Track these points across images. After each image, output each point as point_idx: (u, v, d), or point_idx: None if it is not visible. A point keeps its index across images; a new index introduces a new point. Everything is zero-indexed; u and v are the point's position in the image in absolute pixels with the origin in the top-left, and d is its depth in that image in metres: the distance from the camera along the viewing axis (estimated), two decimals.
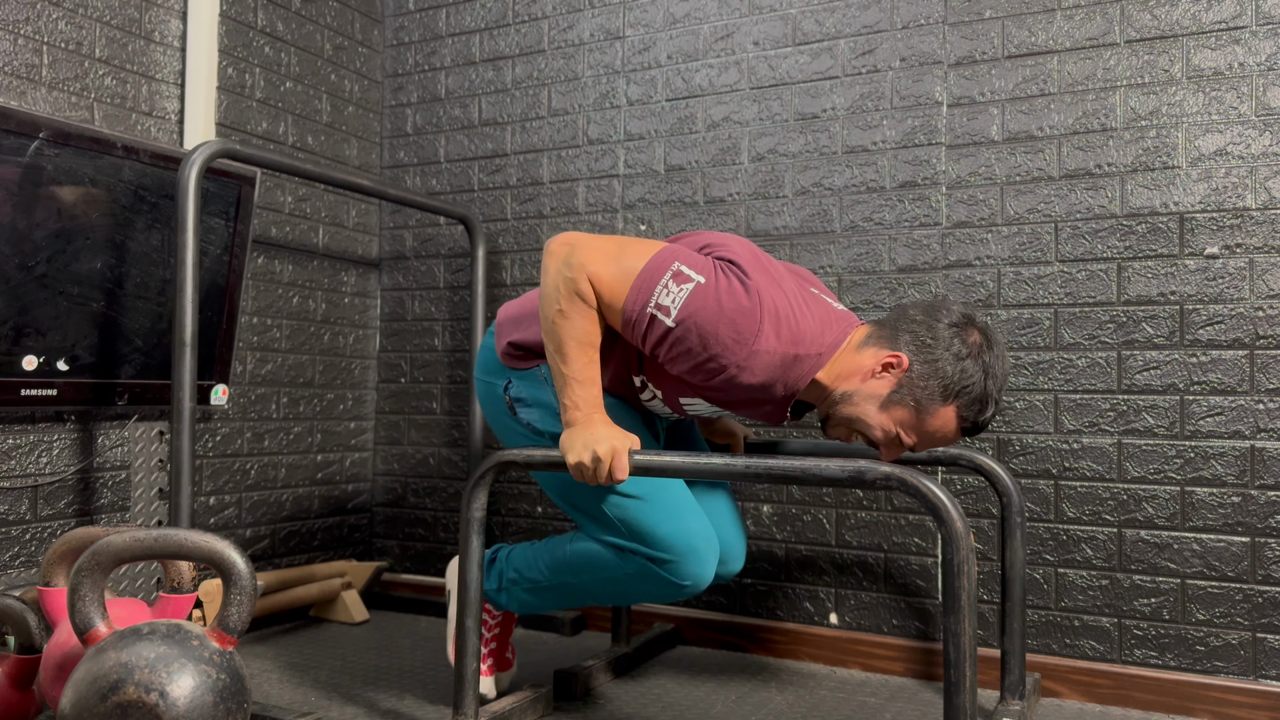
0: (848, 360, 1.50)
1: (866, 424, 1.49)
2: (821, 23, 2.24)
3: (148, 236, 2.02)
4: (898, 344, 1.47)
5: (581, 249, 1.46)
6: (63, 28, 2.00)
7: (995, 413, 1.49)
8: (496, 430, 1.74)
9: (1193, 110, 1.91)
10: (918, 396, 1.45)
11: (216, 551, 1.33)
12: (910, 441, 1.50)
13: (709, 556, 1.58)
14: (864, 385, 1.48)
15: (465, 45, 2.69)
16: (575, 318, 1.46)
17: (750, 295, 1.42)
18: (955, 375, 1.44)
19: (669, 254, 1.47)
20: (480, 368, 1.73)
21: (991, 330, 1.48)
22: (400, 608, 2.59)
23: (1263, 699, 1.80)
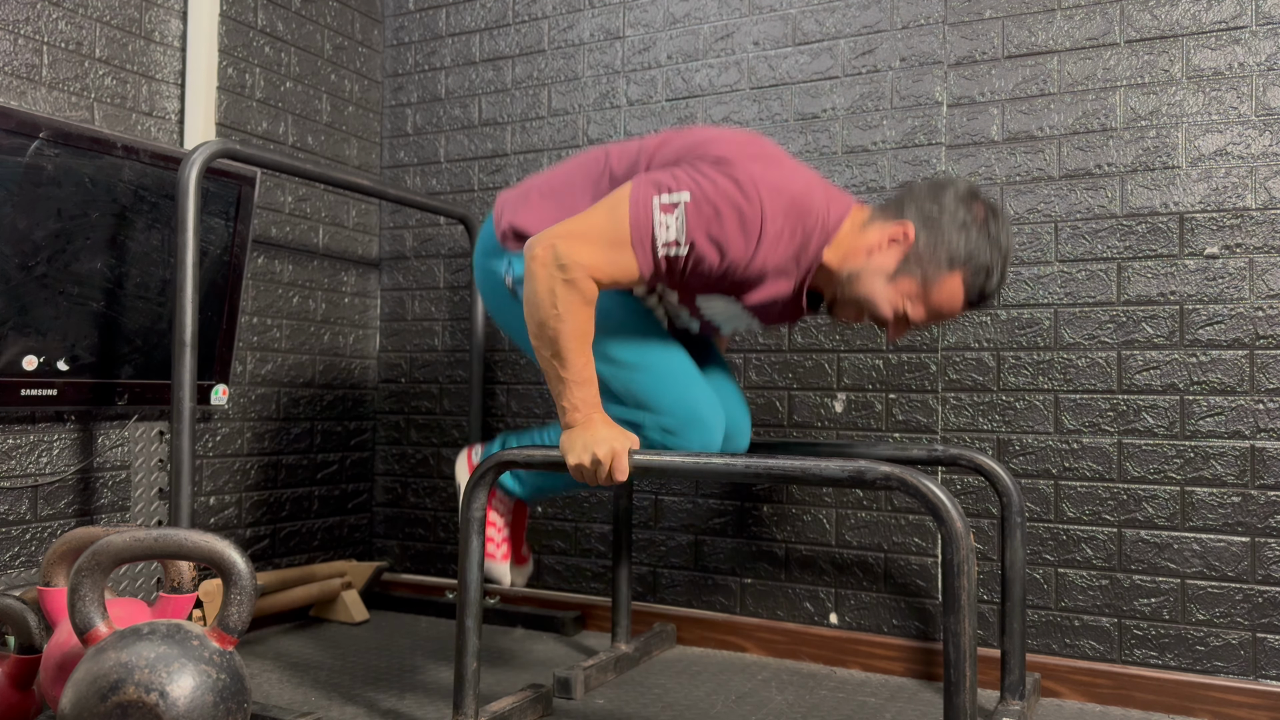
0: (854, 240, 1.50)
1: (874, 301, 1.49)
2: (821, 23, 2.24)
3: (148, 236, 2.02)
4: (904, 216, 1.48)
5: (565, 243, 1.43)
6: (63, 28, 2.00)
7: (1000, 284, 1.49)
8: (498, 317, 1.72)
9: (1193, 110, 1.91)
10: (924, 267, 1.46)
11: (216, 551, 1.33)
12: (917, 315, 1.50)
13: (714, 423, 1.57)
14: (870, 261, 1.49)
15: (465, 45, 2.69)
16: (572, 317, 1.44)
17: (743, 187, 1.41)
18: (960, 243, 1.45)
19: (641, 193, 1.44)
20: (480, 253, 1.70)
21: (996, 205, 1.49)
22: (400, 608, 2.59)
23: (1263, 699, 1.80)
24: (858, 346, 2.18)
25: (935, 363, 2.10)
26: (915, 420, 2.12)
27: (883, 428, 2.15)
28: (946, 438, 2.09)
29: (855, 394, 2.17)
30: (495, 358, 2.61)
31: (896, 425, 2.14)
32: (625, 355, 1.57)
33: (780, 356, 2.25)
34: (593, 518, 2.46)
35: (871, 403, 2.16)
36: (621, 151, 1.61)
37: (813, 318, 2.22)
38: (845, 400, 2.18)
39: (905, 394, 2.13)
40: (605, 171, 1.61)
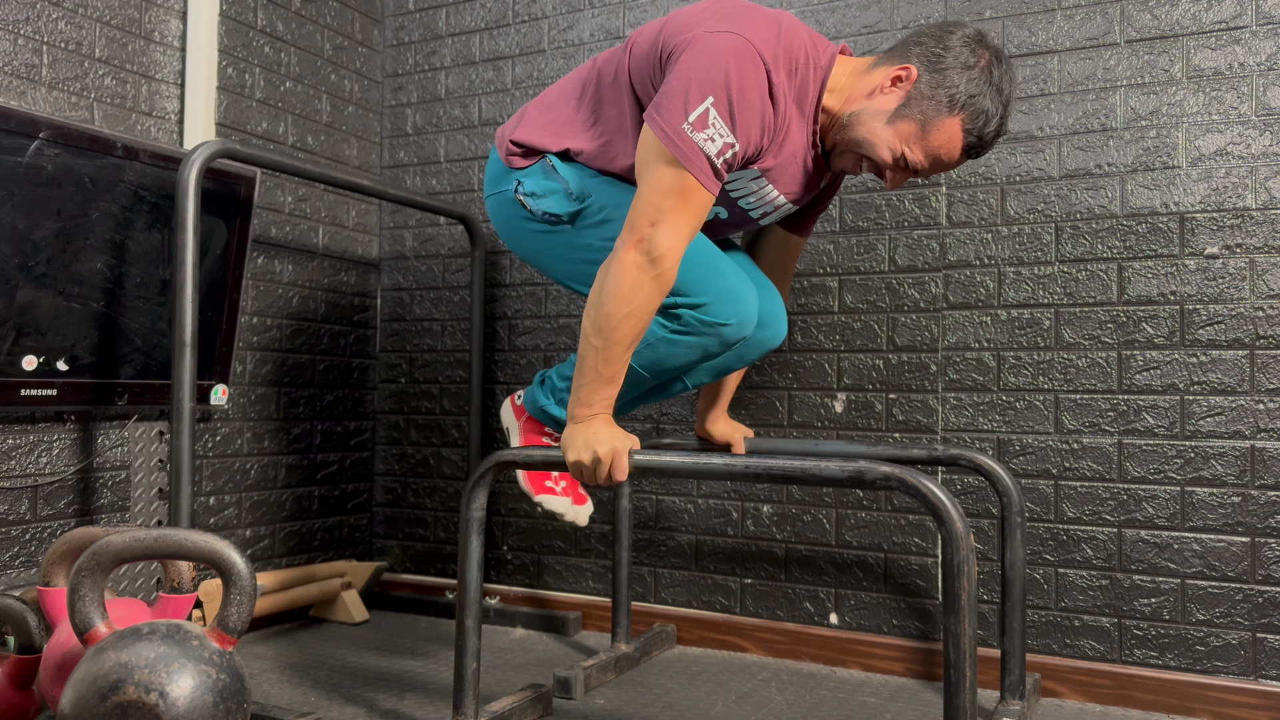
0: (854, 83, 1.49)
1: (872, 143, 1.48)
2: (821, 23, 2.24)
3: (148, 236, 2.02)
4: (908, 58, 1.47)
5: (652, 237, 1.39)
6: (63, 28, 2.00)
7: (999, 130, 1.48)
8: (515, 243, 1.69)
9: (1193, 110, 1.91)
10: (924, 109, 1.45)
11: (216, 551, 1.33)
12: (915, 159, 1.48)
13: (747, 296, 1.54)
14: (871, 102, 1.48)
15: (465, 45, 2.69)
16: (646, 316, 1.42)
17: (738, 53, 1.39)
18: (963, 85, 1.44)
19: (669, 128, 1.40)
20: (488, 184, 1.70)
21: (1002, 52, 1.48)
22: (400, 608, 2.59)
23: (1263, 699, 1.80)
24: (858, 347, 2.18)
25: (935, 363, 2.10)
26: (915, 420, 2.12)
27: (883, 428, 2.15)
28: (946, 438, 2.09)
29: (855, 394, 2.17)
30: (495, 358, 2.61)
31: (896, 425, 2.14)
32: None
33: (780, 356, 2.25)
34: (592, 518, 2.46)
35: (871, 403, 2.16)
36: (607, 55, 1.62)
37: (812, 316, 2.21)
38: (845, 400, 2.18)
39: (905, 394, 2.13)
40: (593, 76, 1.61)
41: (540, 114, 1.65)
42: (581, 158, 1.60)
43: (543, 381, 1.76)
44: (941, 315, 2.10)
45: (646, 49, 1.53)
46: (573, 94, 1.64)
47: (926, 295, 2.11)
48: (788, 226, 1.81)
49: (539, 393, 1.75)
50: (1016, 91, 1.55)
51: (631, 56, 1.55)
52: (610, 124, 1.58)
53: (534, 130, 1.63)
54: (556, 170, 1.60)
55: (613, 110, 1.58)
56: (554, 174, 1.60)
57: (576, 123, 1.62)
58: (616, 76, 1.58)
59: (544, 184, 1.61)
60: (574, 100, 1.63)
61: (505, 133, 1.69)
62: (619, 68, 1.58)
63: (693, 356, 1.57)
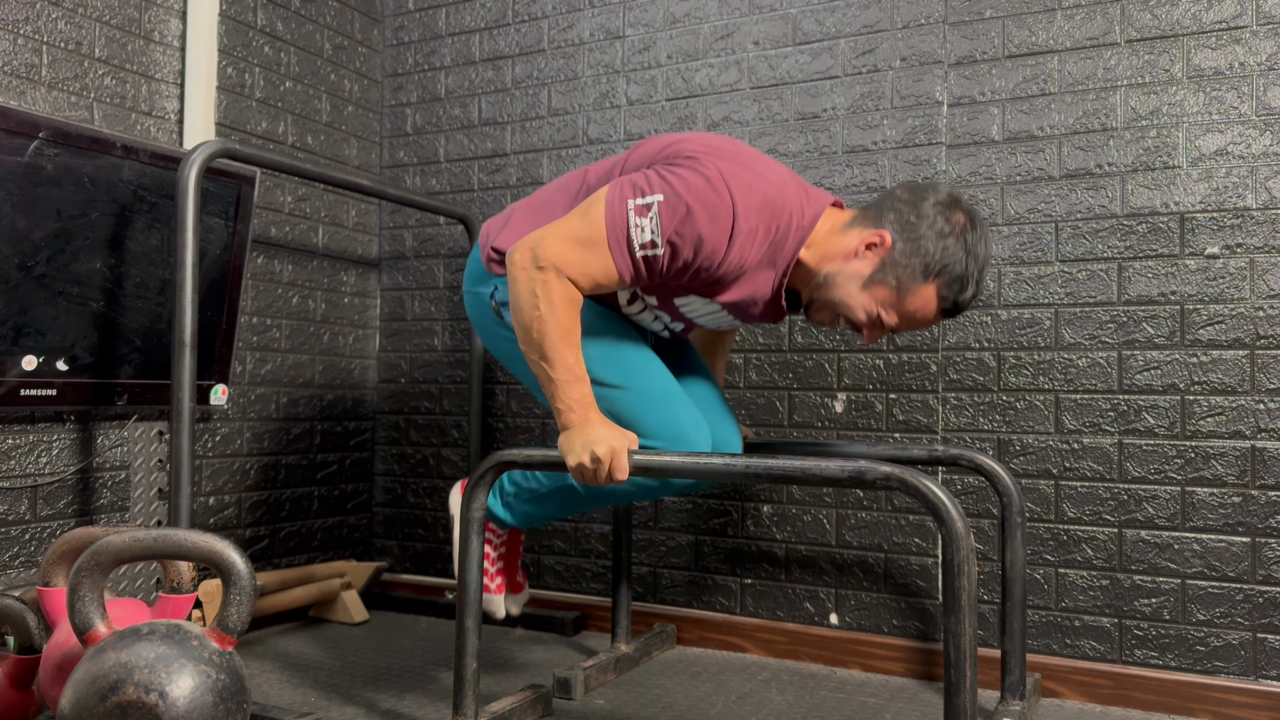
0: (832, 242, 1.50)
1: (849, 305, 1.50)
2: (821, 22, 2.24)
3: (148, 236, 2.02)
4: (882, 223, 1.47)
5: (546, 246, 1.44)
6: (62, 28, 2.00)
7: (975, 295, 1.49)
8: (487, 342, 1.73)
9: (1193, 110, 1.91)
10: (899, 275, 1.45)
11: (216, 551, 1.33)
12: (891, 322, 1.50)
13: (700, 443, 1.57)
14: (846, 265, 1.49)
15: (465, 45, 2.69)
16: (555, 317, 1.44)
17: (713, 183, 1.41)
18: (937, 253, 1.44)
19: (616, 196, 1.45)
20: (468, 280, 1.72)
21: (977, 213, 1.49)
22: (400, 608, 2.59)
23: (1263, 699, 1.80)
24: (858, 347, 2.17)
25: (935, 363, 2.10)
26: (915, 420, 2.12)
27: (883, 428, 2.15)
28: (946, 438, 2.09)
29: (855, 394, 2.17)
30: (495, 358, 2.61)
31: (896, 425, 2.14)
32: (608, 376, 1.58)
33: (780, 356, 2.25)
34: (593, 518, 2.46)
35: (871, 403, 2.16)
36: (598, 167, 1.64)
37: None
38: (845, 400, 2.18)
39: (905, 394, 2.13)
40: (583, 186, 1.62)
41: (525, 220, 1.65)
42: None
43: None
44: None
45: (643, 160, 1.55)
46: (560, 204, 1.64)
47: None
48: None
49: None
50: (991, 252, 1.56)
51: (625, 167, 1.57)
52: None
53: (517, 237, 1.63)
54: None
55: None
56: None
57: None
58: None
59: None
60: (560, 210, 1.63)
61: (490, 233, 1.69)
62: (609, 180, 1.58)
63: (634, 491, 1.62)
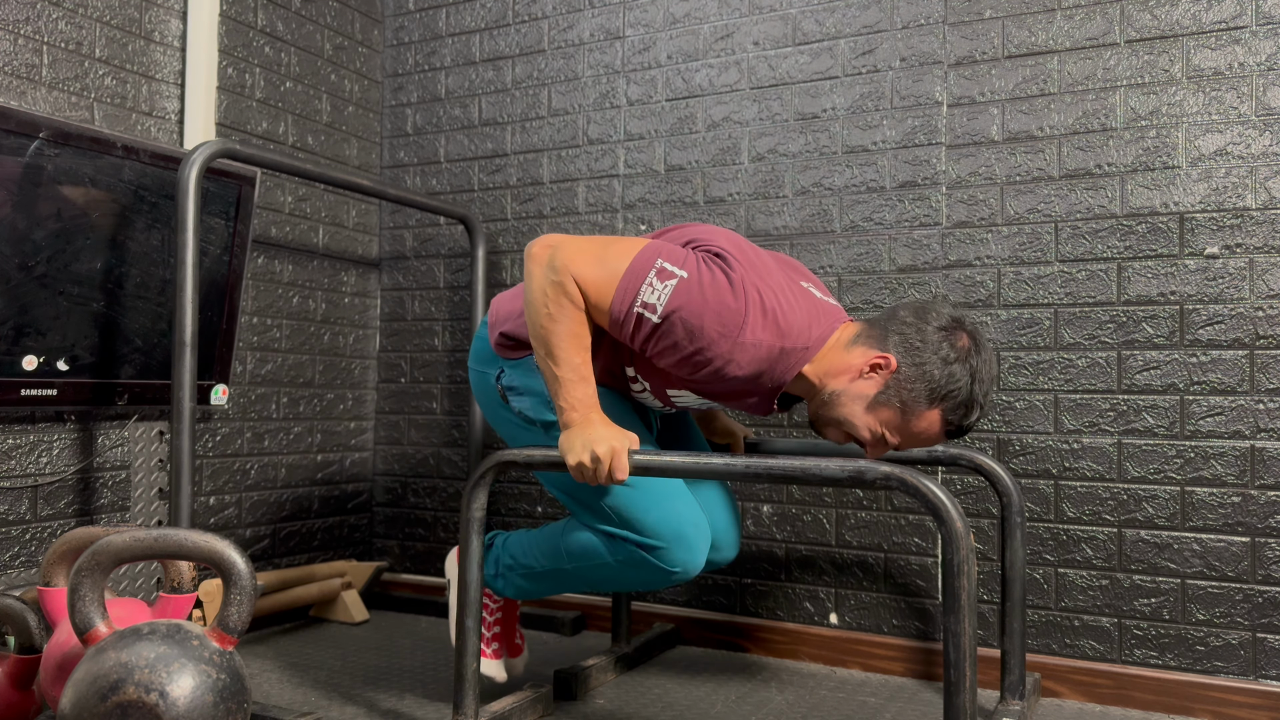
0: (836, 358, 1.50)
1: (853, 424, 1.50)
2: (821, 23, 2.24)
3: (148, 236, 2.02)
4: (886, 345, 1.47)
5: (564, 251, 1.46)
6: (63, 28, 2.00)
7: (980, 416, 1.50)
8: (490, 419, 1.74)
9: (1193, 110, 1.91)
10: (904, 398, 1.46)
11: (216, 551, 1.33)
12: (895, 441, 1.51)
13: (699, 543, 1.57)
14: (851, 385, 1.49)
15: (465, 45, 2.69)
16: (564, 319, 1.46)
17: (735, 287, 1.43)
18: (942, 379, 1.44)
19: (652, 251, 1.47)
20: (474, 358, 1.73)
21: (980, 334, 1.48)
22: (400, 608, 2.59)
23: (1263, 699, 1.80)
24: None
25: None
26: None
27: None
28: None
29: None
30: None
31: None
32: None
33: None
34: None
35: None
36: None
37: None
38: None
39: None
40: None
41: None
42: None
43: (490, 545, 1.78)
44: None
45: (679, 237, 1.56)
46: None
47: (926, 295, 2.11)
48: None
49: (486, 556, 1.77)
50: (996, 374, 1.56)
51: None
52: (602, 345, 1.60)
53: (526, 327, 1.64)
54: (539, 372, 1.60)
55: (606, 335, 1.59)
56: (536, 375, 1.62)
57: None
58: None
59: (526, 382, 1.63)
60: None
61: (499, 315, 1.69)
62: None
63: (633, 582, 1.62)
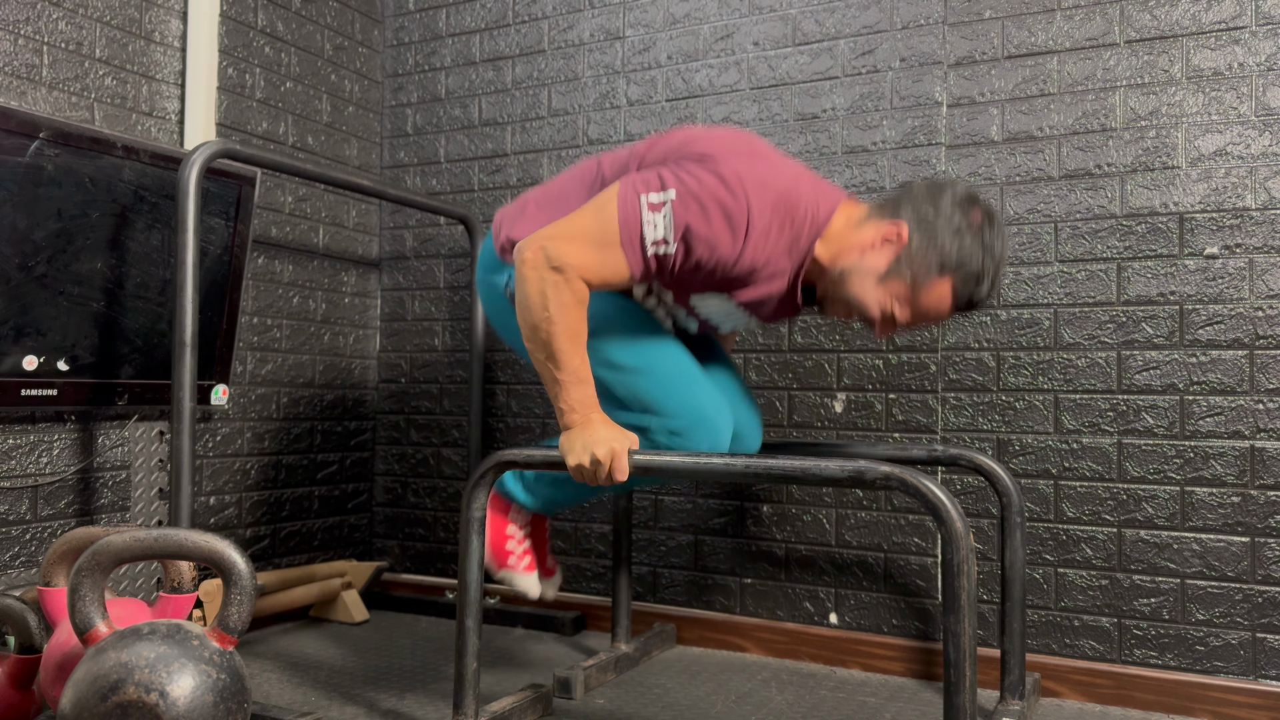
0: (847, 236, 1.50)
1: (863, 301, 1.49)
2: (821, 23, 2.24)
3: (148, 236, 2.02)
4: (899, 217, 1.47)
5: (558, 245, 1.43)
6: (63, 28, 2.00)
7: (990, 292, 1.49)
8: (500, 331, 1.72)
9: (1193, 110, 1.91)
10: (914, 269, 1.45)
11: (216, 551, 1.33)
12: (904, 317, 1.50)
13: (721, 423, 1.56)
14: (862, 260, 1.48)
15: (465, 45, 2.69)
16: (563, 317, 1.43)
17: (728, 182, 1.41)
18: (953, 249, 1.44)
19: (629, 193, 1.44)
20: (481, 269, 1.72)
21: (995, 211, 1.48)
22: (400, 608, 2.59)
23: (1263, 699, 1.80)
24: (858, 346, 2.18)
25: (935, 363, 2.10)
26: (915, 420, 2.12)
27: (883, 428, 2.15)
28: (946, 438, 2.09)
29: (855, 394, 2.17)
30: (495, 358, 2.61)
31: (896, 425, 2.14)
32: (627, 359, 1.57)
33: (780, 356, 2.25)
34: (593, 518, 2.46)
35: (871, 403, 2.16)
36: (613, 158, 1.63)
37: (813, 317, 2.22)
38: (845, 400, 2.18)
39: (905, 394, 2.13)
40: (598, 178, 1.62)
41: (539, 210, 1.65)
42: None
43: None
44: None
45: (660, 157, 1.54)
46: (573, 194, 1.63)
47: None
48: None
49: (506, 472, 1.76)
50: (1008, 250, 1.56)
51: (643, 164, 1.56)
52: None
53: (531, 228, 1.63)
54: None
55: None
56: None
57: None
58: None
59: None
60: (573, 201, 1.62)
61: (503, 222, 1.68)
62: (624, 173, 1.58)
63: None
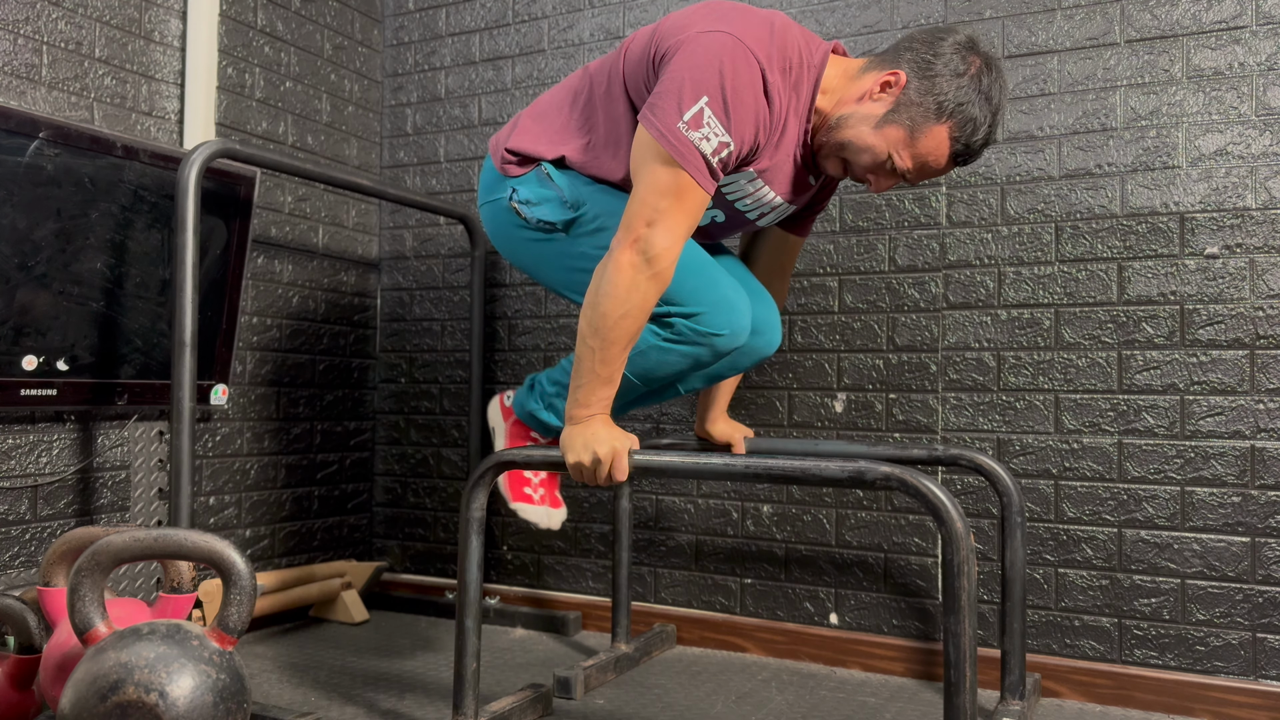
0: (845, 86, 1.49)
1: (857, 147, 1.48)
2: (822, 22, 2.24)
3: (148, 236, 2.02)
4: (899, 63, 1.47)
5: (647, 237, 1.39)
6: (63, 28, 2.00)
7: (987, 138, 1.48)
8: (509, 252, 1.68)
9: (1193, 110, 1.91)
10: (913, 115, 1.44)
11: (216, 551, 1.33)
12: (902, 164, 1.48)
13: (740, 305, 1.54)
14: (860, 107, 1.48)
15: (465, 45, 2.69)
16: (638, 320, 1.41)
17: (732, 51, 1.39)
18: (951, 92, 1.43)
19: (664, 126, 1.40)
20: (482, 192, 1.70)
21: (995, 59, 1.48)
22: (400, 608, 2.59)
23: (1263, 699, 1.80)
24: (858, 347, 2.18)
25: (935, 363, 2.10)
26: (915, 420, 2.12)
27: (883, 428, 2.15)
28: (946, 438, 2.09)
29: (855, 394, 2.17)
30: (495, 358, 2.61)
31: (896, 425, 2.14)
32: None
33: (780, 356, 2.25)
34: (593, 518, 2.46)
35: (871, 403, 2.16)
36: (599, 63, 1.61)
37: (812, 315, 2.21)
38: (845, 400, 2.18)
39: (905, 394, 2.13)
40: (586, 83, 1.61)
41: (534, 122, 1.65)
42: (576, 165, 1.59)
43: (532, 386, 1.76)
44: (941, 315, 2.10)
45: (640, 53, 1.52)
46: (565, 101, 1.63)
47: (926, 295, 2.11)
48: (785, 226, 1.81)
49: (528, 397, 1.75)
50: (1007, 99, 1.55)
51: (625, 61, 1.55)
52: (603, 131, 1.58)
53: (528, 138, 1.63)
54: (551, 178, 1.59)
55: (606, 117, 1.58)
56: (548, 182, 1.60)
57: (570, 130, 1.61)
58: (610, 82, 1.57)
59: (538, 192, 1.60)
60: (566, 108, 1.62)
61: (499, 141, 1.68)
62: (612, 74, 1.57)
63: (685, 365, 1.57)
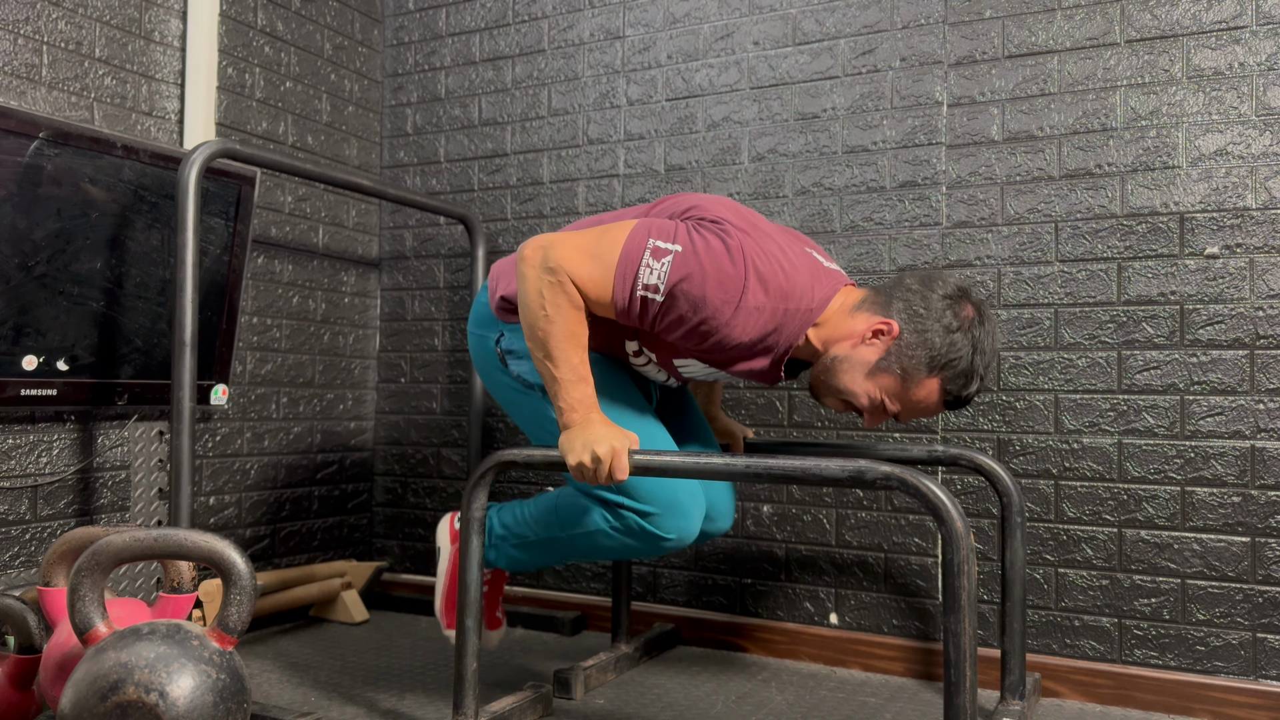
0: (840, 323, 1.51)
1: (853, 392, 1.50)
2: (821, 23, 2.24)
3: (148, 236, 2.02)
4: (890, 311, 1.48)
5: (558, 250, 1.46)
6: (63, 28, 2.00)
7: (980, 388, 1.50)
8: (488, 385, 1.73)
9: (1193, 110, 1.91)
10: (904, 365, 1.46)
11: (216, 551, 1.33)
12: (894, 409, 1.51)
13: (694, 511, 1.57)
14: (853, 351, 1.49)
15: (465, 45, 2.69)
16: (561, 319, 1.45)
17: (732, 253, 1.42)
18: (943, 347, 1.45)
19: (641, 232, 1.47)
20: (473, 322, 1.72)
21: (985, 306, 1.50)
22: (400, 608, 2.59)
23: (1263, 699, 1.80)
24: None
25: None
26: (915, 420, 2.12)
27: (883, 428, 2.15)
28: (946, 438, 2.09)
29: None
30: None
31: (896, 425, 2.13)
32: None
33: None
34: None
35: None
36: (618, 216, 1.65)
37: None
38: None
39: None
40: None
41: None
42: None
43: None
44: None
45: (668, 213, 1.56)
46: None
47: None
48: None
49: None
50: (999, 346, 1.57)
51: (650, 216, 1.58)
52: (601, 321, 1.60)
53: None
54: None
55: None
56: None
57: None
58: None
59: (524, 346, 1.63)
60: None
61: (500, 278, 1.69)
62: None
63: (621, 551, 1.62)
